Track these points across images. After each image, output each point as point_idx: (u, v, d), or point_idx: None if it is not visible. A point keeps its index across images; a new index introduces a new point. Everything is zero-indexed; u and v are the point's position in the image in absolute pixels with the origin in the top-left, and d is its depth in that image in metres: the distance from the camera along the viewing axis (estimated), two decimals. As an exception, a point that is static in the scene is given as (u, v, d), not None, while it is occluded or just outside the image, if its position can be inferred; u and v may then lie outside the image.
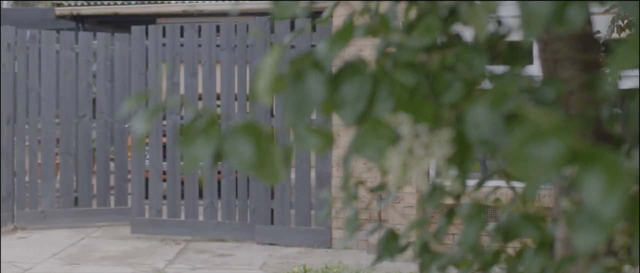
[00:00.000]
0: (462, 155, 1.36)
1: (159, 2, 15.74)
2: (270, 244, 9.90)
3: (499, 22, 1.59)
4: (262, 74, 1.31)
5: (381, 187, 1.92)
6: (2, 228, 10.87)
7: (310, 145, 1.31)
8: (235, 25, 10.32)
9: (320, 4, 1.73)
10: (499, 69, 1.52)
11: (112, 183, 11.74)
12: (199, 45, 10.51)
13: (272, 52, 1.34)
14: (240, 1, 14.04)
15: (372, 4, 1.61)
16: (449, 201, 1.76)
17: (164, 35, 10.68)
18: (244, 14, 14.69)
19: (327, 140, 1.31)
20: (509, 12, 1.66)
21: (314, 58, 1.36)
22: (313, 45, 9.98)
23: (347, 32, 1.40)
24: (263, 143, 1.24)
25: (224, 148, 1.23)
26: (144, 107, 9.25)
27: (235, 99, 10.29)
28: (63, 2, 16.02)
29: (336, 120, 9.13)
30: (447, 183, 1.69)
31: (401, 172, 1.34)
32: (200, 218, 10.46)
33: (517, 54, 1.57)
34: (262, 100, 1.31)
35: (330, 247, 9.65)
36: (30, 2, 28.51)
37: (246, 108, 10.21)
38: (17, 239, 10.37)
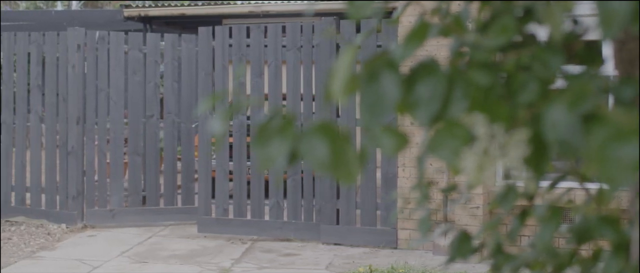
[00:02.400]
0: (538, 156, 1.34)
1: (225, 3, 15.84)
2: (336, 244, 9.91)
3: (575, 21, 1.57)
4: (336, 74, 1.31)
5: (453, 188, 1.91)
6: (71, 227, 11.05)
7: (385, 146, 1.31)
8: (301, 26, 10.34)
9: (381, 4, 1.72)
10: (575, 68, 1.50)
11: (179, 182, 11.86)
12: (265, 46, 10.55)
13: (346, 53, 1.34)
14: (312, 1, 14.08)
15: (444, 4, 1.60)
16: (519, 202, 1.74)
17: (230, 36, 10.75)
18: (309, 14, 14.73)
19: (402, 141, 1.31)
20: (585, 11, 1.64)
21: (388, 58, 1.35)
22: (379, 45, 9.96)
23: (421, 32, 1.39)
24: (338, 144, 1.24)
25: (300, 148, 1.23)
26: (210, 108, 9.37)
27: (301, 99, 10.31)
28: (131, 3, 16.22)
29: (403, 120, 9.09)
30: (519, 183, 1.68)
31: (476, 173, 1.33)
32: (266, 217, 10.50)
33: (593, 54, 1.55)
34: (337, 100, 1.31)
35: (395, 248, 9.63)
36: (99, 2, 28.94)
37: (312, 108, 10.23)
38: (87, 237, 10.53)
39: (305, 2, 15.06)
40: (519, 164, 1.35)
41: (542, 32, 1.51)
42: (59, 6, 27.68)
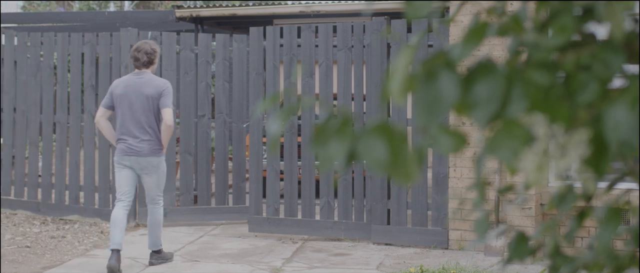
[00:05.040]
0: (598, 157, 1.33)
1: (276, 3, 15.89)
2: (386, 244, 9.89)
3: (636, 20, 1.55)
4: (394, 74, 1.30)
5: (509, 189, 1.89)
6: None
7: (443, 146, 1.30)
8: (352, 26, 10.33)
9: (439, 4, 1.72)
10: (635, 68, 1.48)
11: (230, 182, 11.91)
12: (316, 46, 10.56)
13: (404, 53, 1.34)
14: (370, 1, 14.04)
15: (499, 3, 1.59)
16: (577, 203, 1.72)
17: (281, 36, 10.77)
18: (359, 14, 14.71)
19: (460, 141, 1.30)
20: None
21: (445, 58, 1.35)
22: (430, 45, 9.92)
23: (479, 32, 1.39)
24: (396, 144, 1.24)
25: (358, 148, 1.23)
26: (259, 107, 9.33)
27: (352, 99, 10.31)
28: (183, 4, 16.33)
29: (453, 120, 9.05)
30: (576, 184, 1.66)
31: (535, 174, 1.32)
32: (317, 217, 10.52)
33: (654, 53, 1.53)
34: (394, 100, 1.30)
35: (446, 248, 9.58)
36: (151, 2, 29.18)
37: (363, 108, 10.22)
38: (139, 236, 10.62)
39: (356, 1, 15.04)
40: (579, 165, 1.34)
41: (601, 31, 1.49)
42: (112, 7, 27.97)
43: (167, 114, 8.49)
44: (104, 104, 8.71)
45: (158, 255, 8.86)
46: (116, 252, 8.34)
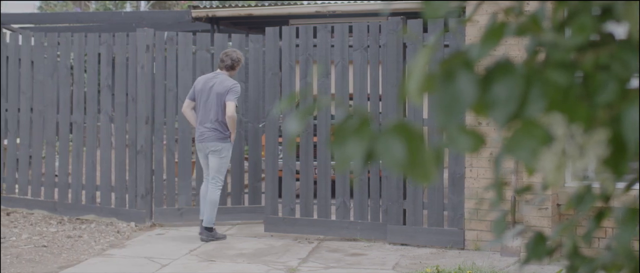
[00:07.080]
0: (617, 157, 1.32)
1: (291, 3, 15.88)
2: (402, 244, 9.88)
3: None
4: (412, 74, 1.30)
5: (527, 189, 1.88)
6: (140, 225, 11.19)
7: (461, 146, 1.30)
8: (368, 26, 10.31)
9: (457, 3, 1.71)
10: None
11: (246, 181, 11.91)
12: (332, 46, 10.55)
13: (422, 53, 1.34)
14: (387, 1, 14.01)
15: (517, 3, 1.59)
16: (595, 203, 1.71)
17: (297, 36, 10.77)
18: (374, 14, 14.70)
19: (479, 140, 1.30)
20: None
21: (464, 58, 1.34)
22: (446, 45, 9.90)
23: (498, 32, 1.38)
24: (414, 144, 1.23)
25: (376, 148, 1.23)
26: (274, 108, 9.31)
27: (368, 99, 10.29)
28: (199, 4, 16.35)
29: (470, 120, 9.03)
30: (594, 184, 1.66)
31: (554, 174, 1.31)
32: (333, 217, 10.51)
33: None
34: (413, 100, 1.30)
35: (463, 248, 9.57)
36: (168, 2, 29.24)
37: (379, 108, 10.21)
38: (155, 235, 10.65)
39: (372, 1, 15.02)
40: (597, 165, 1.34)
41: (620, 31, 1.48)
42: (128, 7, 28.04)
43: (228, 107, 10.11)
44: (189, 97, 10.52)
45: (209, 233, 10.23)
46: None
